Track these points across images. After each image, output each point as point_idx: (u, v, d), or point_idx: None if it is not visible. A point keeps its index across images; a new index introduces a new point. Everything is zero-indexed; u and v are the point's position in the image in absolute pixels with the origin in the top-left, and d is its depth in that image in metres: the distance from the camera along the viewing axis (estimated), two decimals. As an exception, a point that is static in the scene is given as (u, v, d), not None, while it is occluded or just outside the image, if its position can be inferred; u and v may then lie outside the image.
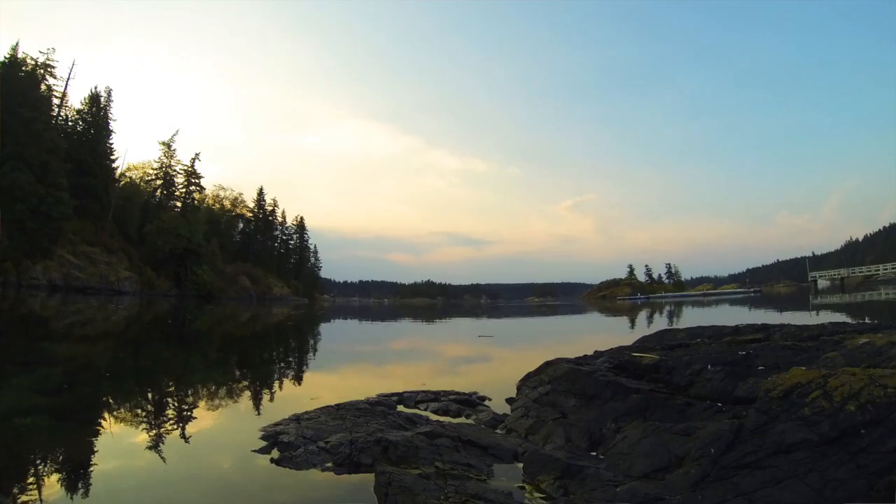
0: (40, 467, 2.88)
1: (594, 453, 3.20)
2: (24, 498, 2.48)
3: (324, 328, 19.47)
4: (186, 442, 3.55)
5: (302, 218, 72.85)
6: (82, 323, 13.48)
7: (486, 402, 5.07)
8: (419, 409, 4.74)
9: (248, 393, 5.62)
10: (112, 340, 9.64)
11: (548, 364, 5.01)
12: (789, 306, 23.56)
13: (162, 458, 3.19)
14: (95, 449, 3.27)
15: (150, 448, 3.38)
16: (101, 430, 3.71)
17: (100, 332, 11.15)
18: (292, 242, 71.68)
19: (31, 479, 2.71)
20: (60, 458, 3.08)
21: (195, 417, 4.24)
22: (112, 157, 42.17)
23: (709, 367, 3.71)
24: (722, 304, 34.45)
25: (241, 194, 63.28)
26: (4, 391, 4.51)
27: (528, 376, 5.23)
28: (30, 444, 3.28)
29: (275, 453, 3.18)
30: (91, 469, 2.91)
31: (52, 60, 36.52)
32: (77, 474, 2.83)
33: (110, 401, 4.71)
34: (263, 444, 3.36)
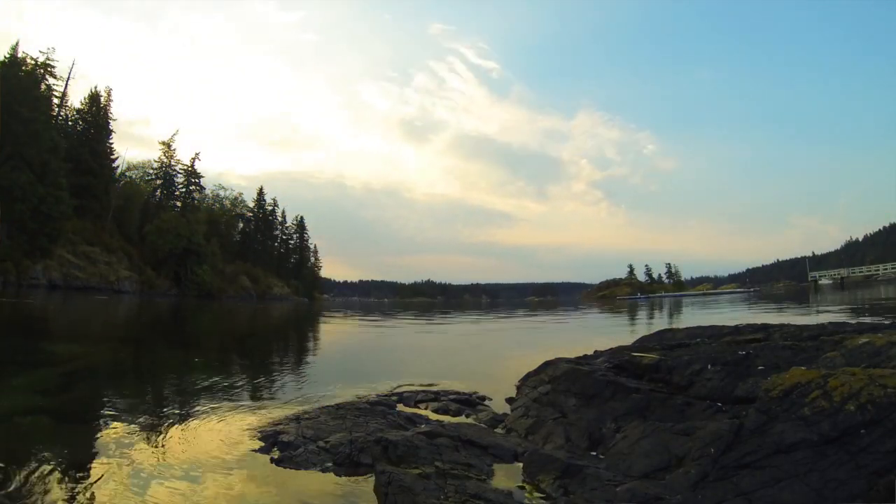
0: (40, 467, 2.87)
1: (594, 453, 3.20)
2: (24, 498, 2.48)
3: (324, 328, 19.47)
4: (186, 442, 3.54)
5: (302, 218, 72.86)
6: (82, 322, 13.46)
7: (486, 402, 5.07)
8: (419, 408, 4.74)
9: (247, 392, 5.61)
10: (111, 340, 9.59)
11: (548, 364, 5.02)
12: (789, 305, 23.58)
13: (162, 458, 3.18)
14: (95, 449, 3.27)
15: (149, 448, 3.38)
16: (101, 431, 3.70)
17: (99, 332, 11.12)
18: (292, 242, 71.63)
19: (31, 479, 2.70)
20: (60, 458, 3.07)
21: (194, 417, 4.24)
22: (112, 157, 42.16)
23: (709, 366, 3.71)
24: (722, 303, 34.46)
25: (240, 194, 63.28)
26: (4, 391, 4.49)
27: (528, 376, 5.24)
28: (30, 444, 3.27)
29: (275, 453, 3.18)
30: (91, 469, 2.90)
31: (52, 60, 36.52)
32: (77, 474, 2.82)
33: (110, 401, 4.69)
34: (263, 443, 3.36)
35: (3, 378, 4.96)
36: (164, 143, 48.87)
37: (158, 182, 48.95)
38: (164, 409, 4.53)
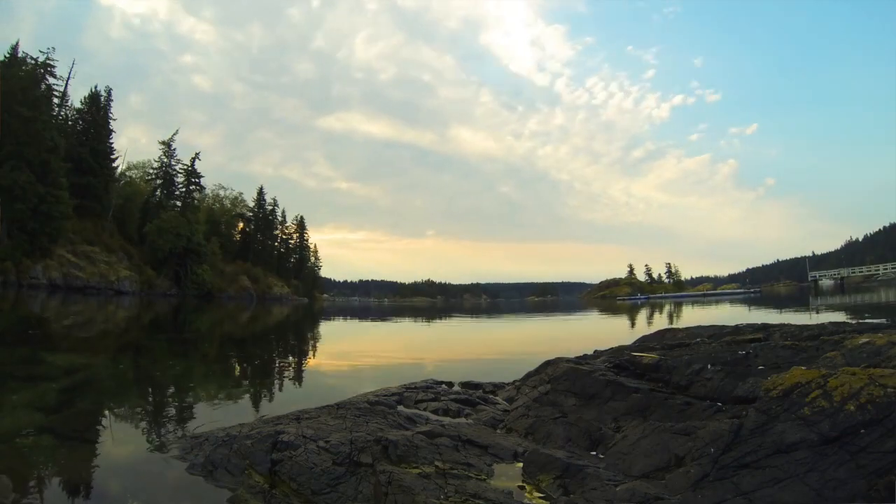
0: (43, 490, 2.82)
1: (594, 453, 3.20)
2: None
3: (324, 327, 19.48)
4: (188, 444, 3.54)
5: (302, 217, 72.88)
6: (82, 324, 13.40)
7: (487, 402, 5.06)
8: (419, 408, 4.74)
9: (248, 397, 5.62)
10: (112, 348, 9.40)
11: (548, 363, 5.02)
12: (789, 306, 23.57)
13: (164, 469, 3.17)
14: (98, 468, 3.23)
15: (151, 459, 3.36)
16: (103, 449, 3.64)
17: (100, 338, 10.95)
18: (292, 242, 71.66)
19: (34, 502, 2.67)
20: (64, 479, 3.00)
21: (195, 426, 4.21)
22: (112, 157, 42.13)
23: (709, 366, 3.71)
24: (722, 303, 34.45)
25: (241, 193, 63.26)
26: (5, 408, 4.39)
27: (528, 375, 5.24)
28: (33, 465, 3.20)
29: (275, 453, 3.18)
30: (92, 489, 2.88)
31: (52, 60, 36.52)
32: (81, 496, 2.80)
33: (111, 417, 4.58)
34: (264, 444, 3.35)
35: (4, 394, 4.87)
36: (163, 143, 48.82)
37: (158, 182, 48.90)
38: (166, 421, 4.48)
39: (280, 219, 68.45)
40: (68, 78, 38.59)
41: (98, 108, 40.69)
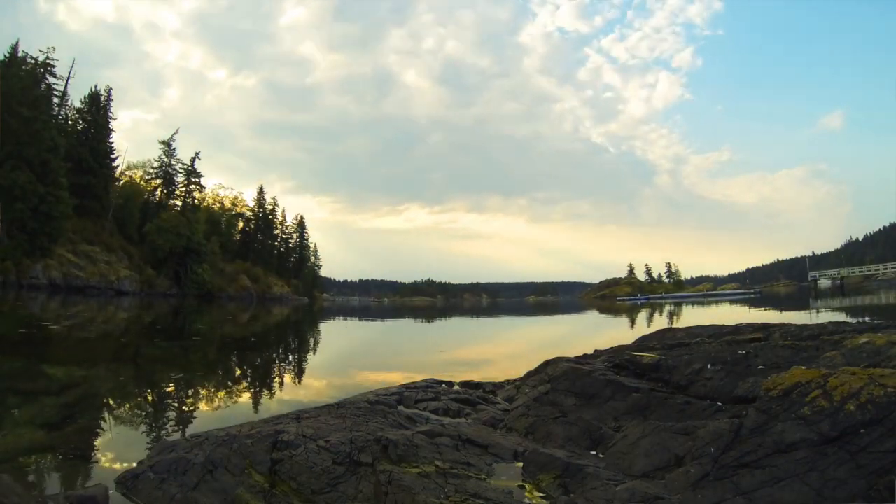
0: None
1: (594, 452, 3.20)
2: None
3: (324, 327, 19.49)
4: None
5: (302, 217, 72.92)
6: (81, 331, 13.19)
7: (487, 402, 5.07)
8: (419, 408, 4.74)
9: (248, 397, 5.62)
10: (112, 356, 9.14)
11: (548, 363, 5.02)
12: (789, 306, 23.55)
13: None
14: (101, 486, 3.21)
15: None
16: (105, 467, 3.56)
17: (100, 344, 10.69)
18: (292, 241, 71.69)
19: None
20: (67, 498, 2.99)
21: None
22: (112, 156, 42.15)
23: (709, 366, 3.71)
24: (722, 304, 34.46)
25: (241, 193, 63.35)
26: (6, 426, 4.31)
27: (528, 375, 5.25)
28: (36, 485, 3.17)
29: (275, 452, 3.18)
30: None
31: (52, 59, 36.52)
32: None
33: (113, 433, 4.49)
34: (263, 444, 3.35)
35: (5, 410, 4.81)
36: (163, 143, 48.82)
37: (158, 181, 48.91)
38: (168, 432, 4.44)
39: (280, 218, 68.54)
40: (68, 78, 38.63)
41: (98, 107, 40.71)
